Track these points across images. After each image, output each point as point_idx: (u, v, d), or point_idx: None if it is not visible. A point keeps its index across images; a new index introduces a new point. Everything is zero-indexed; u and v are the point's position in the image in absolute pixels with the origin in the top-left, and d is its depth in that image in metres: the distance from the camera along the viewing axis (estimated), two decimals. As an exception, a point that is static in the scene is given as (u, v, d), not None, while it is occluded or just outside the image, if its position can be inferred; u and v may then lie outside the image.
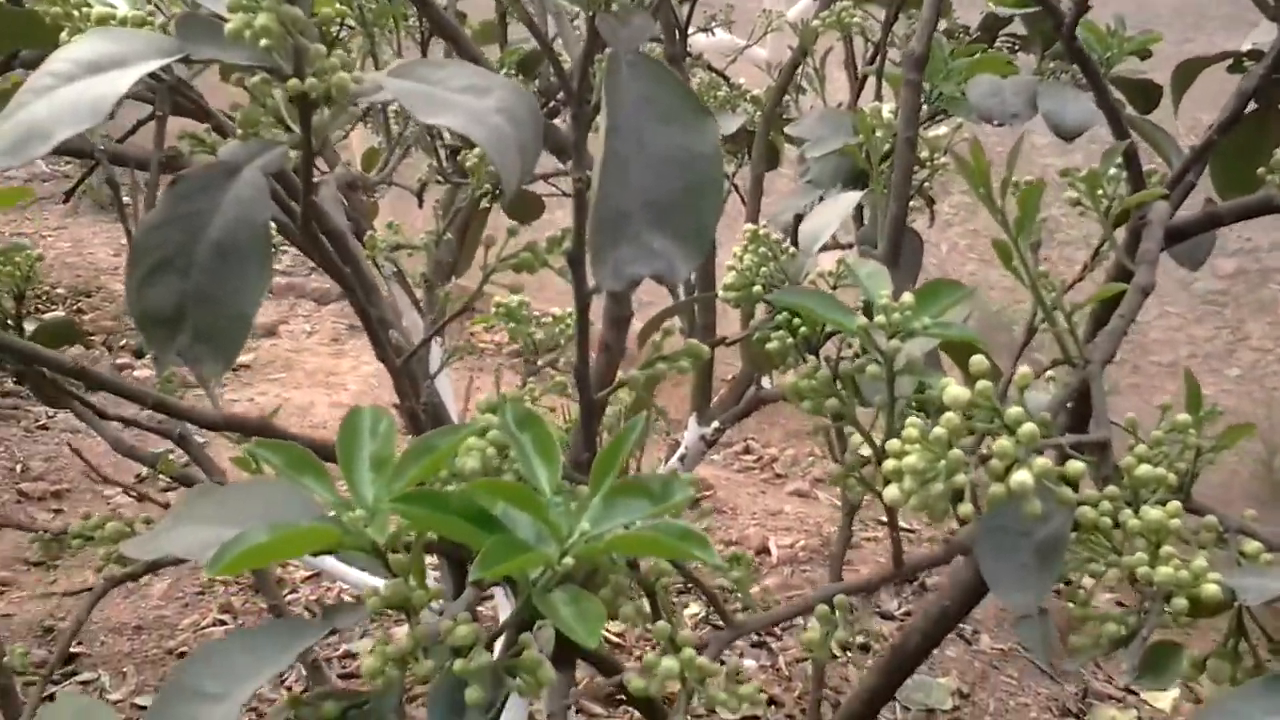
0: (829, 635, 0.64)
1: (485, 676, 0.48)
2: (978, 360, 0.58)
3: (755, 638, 2.35)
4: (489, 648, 0.51)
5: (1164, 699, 2.36)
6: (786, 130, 1.79)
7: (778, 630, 2.36)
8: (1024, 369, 0.57)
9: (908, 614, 2.47)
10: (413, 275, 1.33)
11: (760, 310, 0.94)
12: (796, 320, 0.74)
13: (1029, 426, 0.54)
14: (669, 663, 0.56)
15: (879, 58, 1.66)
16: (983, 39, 1.71)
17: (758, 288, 0.92)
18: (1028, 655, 2.38)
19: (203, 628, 2.51)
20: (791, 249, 0.95)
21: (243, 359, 3.77)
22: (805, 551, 2.60)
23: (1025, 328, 0.77)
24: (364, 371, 3.68)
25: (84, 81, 0.57)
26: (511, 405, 0.53)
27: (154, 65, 0.57)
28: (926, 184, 1.49)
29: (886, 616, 2.44)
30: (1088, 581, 0.59)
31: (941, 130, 1.42)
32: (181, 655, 2.42)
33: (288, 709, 0.51)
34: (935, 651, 2.34)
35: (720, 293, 0.92)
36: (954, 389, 0.56)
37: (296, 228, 0.87)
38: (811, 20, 1.65)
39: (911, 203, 1.47)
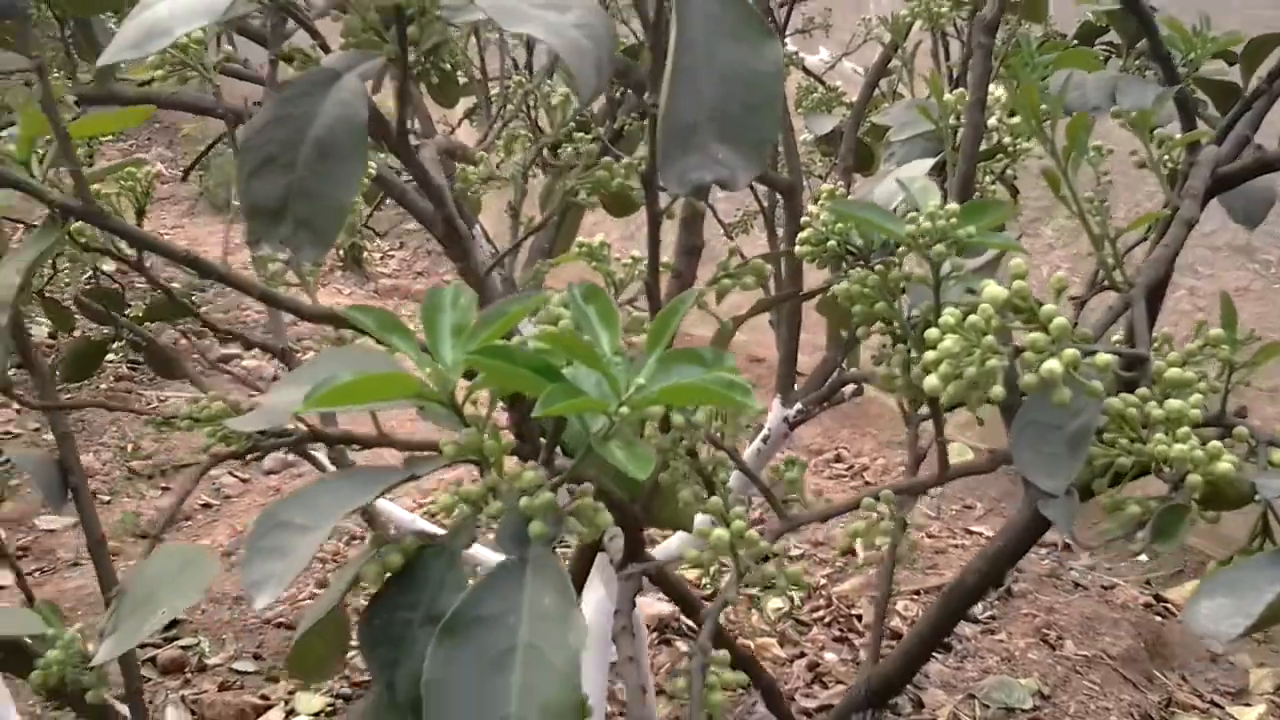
0: (878, 528, 0.68)
1: (548, 513, 0.53)
2: (1017, 264, 0.62)
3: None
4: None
5: (1249, 714, 2.33)
6: (874, 119, 1.83)
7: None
8: (1059, 273, 0.61)
9: (992, 617, 2.47)
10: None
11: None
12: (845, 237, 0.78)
13: (1060, 320, 0.58)
14: (721, 531, 0.60)
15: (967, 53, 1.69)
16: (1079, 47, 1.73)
17: (832, 243, 0.96)
18: (1112, 663, 2.38)
19: (299, 600, 2.60)
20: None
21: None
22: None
23: (1086, 285, 0.80)
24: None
25: (202, -15, 0.63)
26: (579, 285, 0.58)
27: (268, -27, 0.63)
28: (1010, 172, 1.52)
29: (972, 620, 2.45)
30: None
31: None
32: (279, 625, 2.51)
33: (372, 547, 0.57)
34: (1017, 654, 2.35)
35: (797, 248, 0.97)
36: (993, 288, 0.60)
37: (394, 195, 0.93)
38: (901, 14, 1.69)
39: (993, 185, 1.50)
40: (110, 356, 1.85)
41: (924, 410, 0.78)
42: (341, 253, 4.83)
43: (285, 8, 0.70)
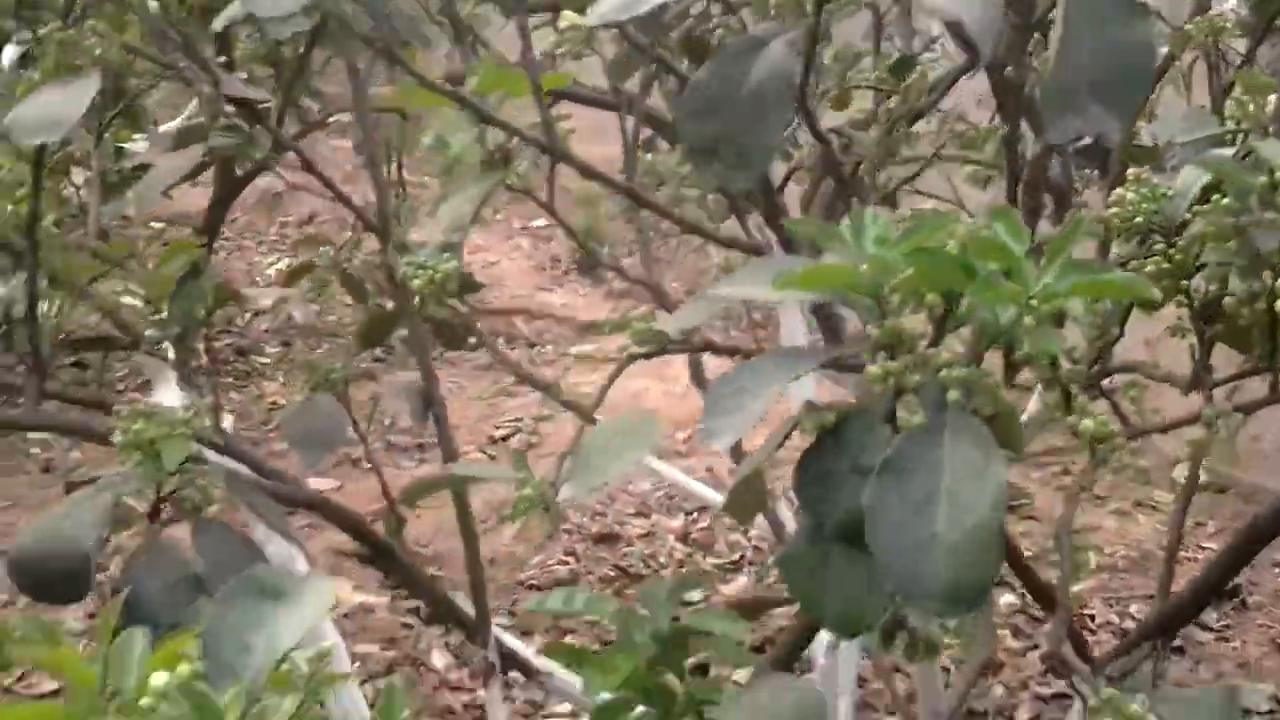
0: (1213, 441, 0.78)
1: (964, 384, 0.66)
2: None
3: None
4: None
5: None
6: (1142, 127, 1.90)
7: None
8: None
9: (1226, 626, 2.50)
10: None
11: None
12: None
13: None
14: (1088, 422, 0.72)
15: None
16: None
17: (1139, 219, 1.06)
18: (1356, 677, 2.38)
19: (548, 565, 2.78)
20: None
21: (586, 348, 4.06)
22: (1124, 561, 2.67)
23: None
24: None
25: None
26: (990, 205, 0.70)
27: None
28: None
29: (1205, 628, 2.48)
30: None
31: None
32: (531, 587, 2.69)
33: (807, 416, 0.70)
34: (1252, 661, 2.38)
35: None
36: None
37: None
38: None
39: None
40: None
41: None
42: (577, 256, 5.04)
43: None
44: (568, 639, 2.45)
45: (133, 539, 1.07)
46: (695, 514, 3.00)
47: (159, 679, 0.65)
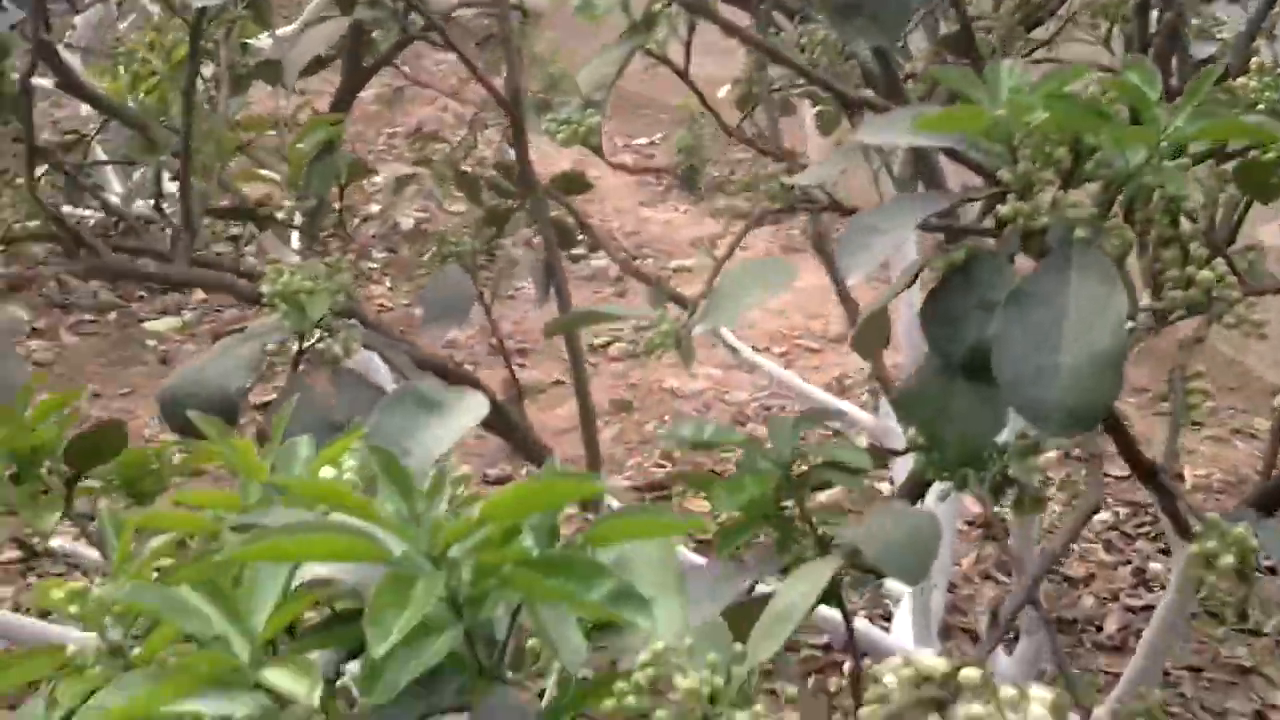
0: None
1: (1090, 224, 0.69)
2: None
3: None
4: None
5: None
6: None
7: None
8: None
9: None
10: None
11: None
12: None
13: None
14: (1206, 272, 0.74)
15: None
16: None
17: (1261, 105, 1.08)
18: None
19: (645, 468, 2.85)
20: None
21: (686, 263, 4.09)
22: (1219, 483, 2.67)
23: None
24: (796, 285, 3.93)
25: None
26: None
27: None
28: None
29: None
30: None
31: None
32: (630, 489, 2.76)
33: (937, 256, 0.74)
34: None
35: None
36: None
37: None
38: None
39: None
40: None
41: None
42: (680, 172, 5.04)
43: None
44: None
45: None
46: (792, 423, 3.04)
47: (326, 472, 0.70)
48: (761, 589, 0.77)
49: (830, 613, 1.63)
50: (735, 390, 3.23)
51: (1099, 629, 2.21)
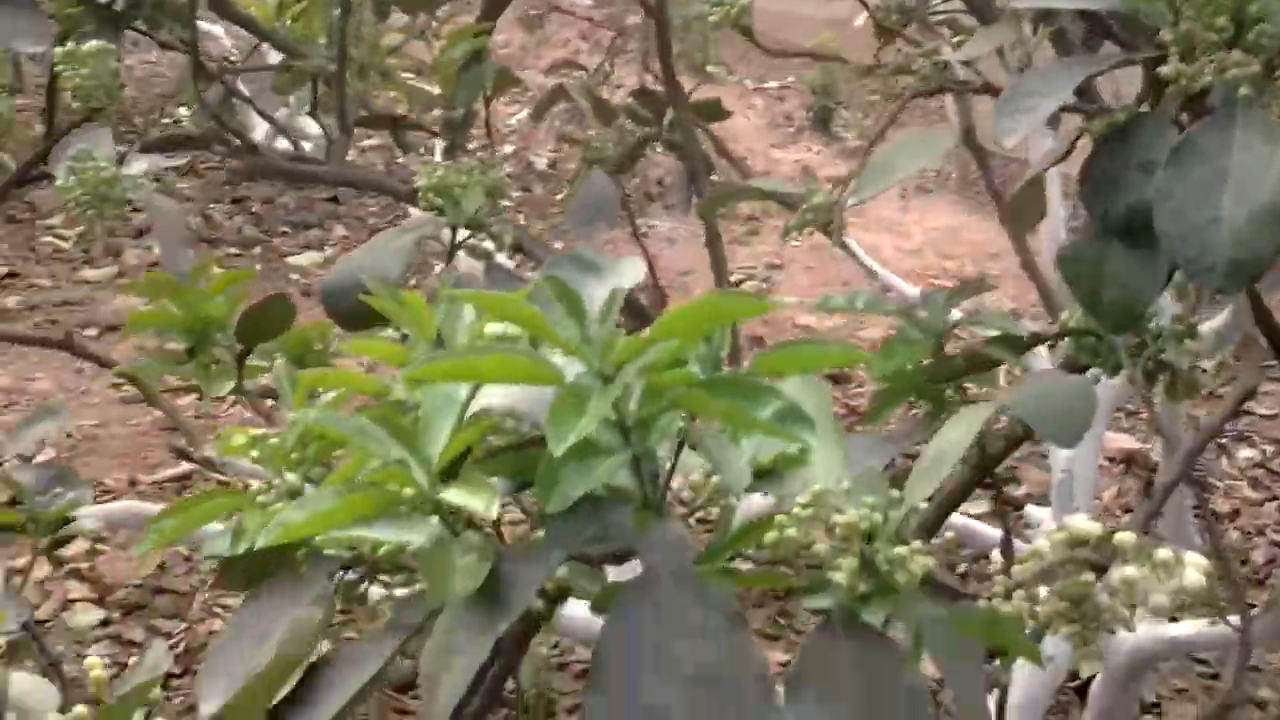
0: None
1: (1255, 82, 0.68)
2: None
3: None
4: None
5: None
6: None
7: None
8: None
9: None
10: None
11: None
12: None
13: None
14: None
15: None
16: None
17: None
18: None
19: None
20: None
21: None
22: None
23: None
24: (929, 225, 3.91)
25: None
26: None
27: None
28: None
29: None
30: None
31: None
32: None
33: (1098, 119, 0.73)
34: None
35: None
36: None
37: None
38: None
39: None
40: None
41: None
42: (810, 114, 5.02)
43: None
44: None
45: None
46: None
47: (492, 328, 0.73)
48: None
49: (973, 524, 1.63)
50: (870, 328, 3.22)
51: (1244, 563, 2.18)
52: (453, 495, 0.58)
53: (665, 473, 0.61)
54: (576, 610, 1.27)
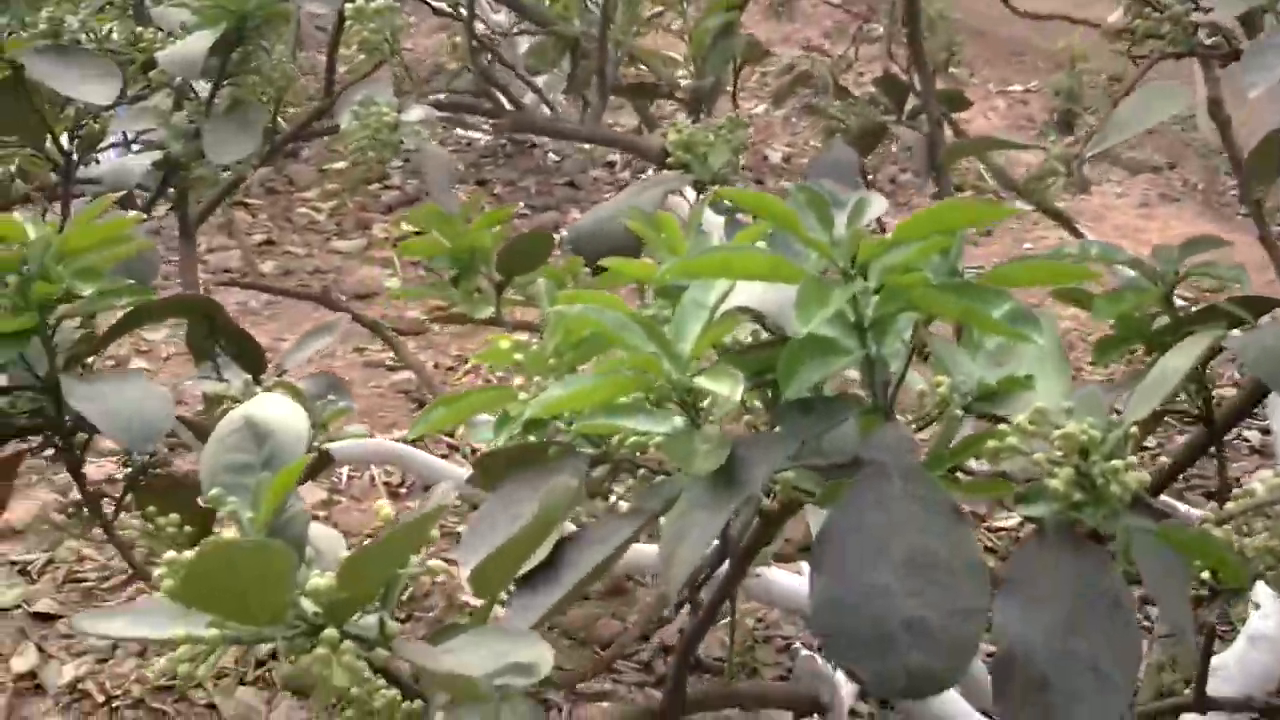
0: None
1: None
2: None
3: None
4: None
5: None
6: None
7: None
8: None
9: None
10: None
11: None
12: None
13: None
14: None
15: None
16: None
17: None
18: None
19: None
20: None
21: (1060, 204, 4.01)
22: None
23: None
24: (1171, 233, 3.80)
25: None
26: None
27: None
28: None
29: None
30: None
31: None
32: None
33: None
34: None
35: None
36: None
37: None
38: None
39: None
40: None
41: None
42: (1053, 116, 4.89)
43: None
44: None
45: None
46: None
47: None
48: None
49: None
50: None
51: None
52: (702, 381, 0.63)
53: (894, 382, 0.66)
54: (779, 577, 1.32)
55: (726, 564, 0.81)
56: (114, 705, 1.68)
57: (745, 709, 1.10)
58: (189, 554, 0.57)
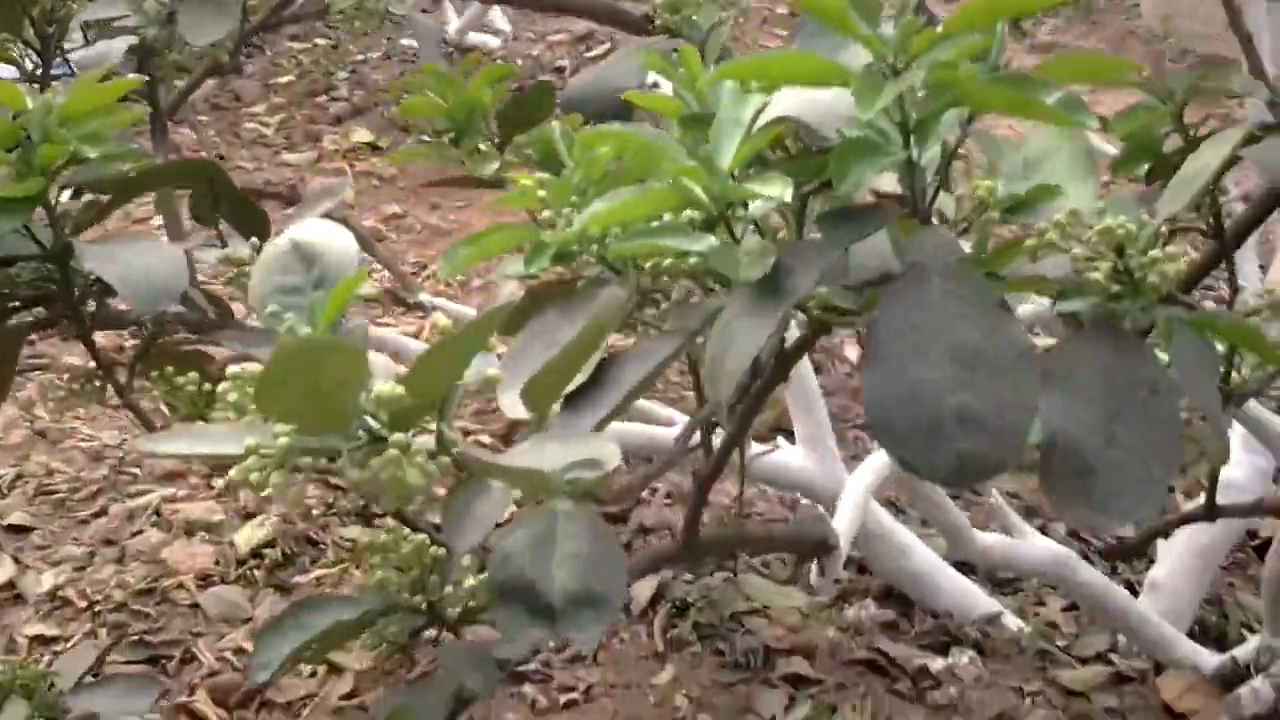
0: None
1: None
2: None
3: None
4: None
5: None
6: None
7: None
8: None
9: None
10: None
11: None
12: None
13: None
14: None
15: None
16: None
17: None
18: None
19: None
20: None
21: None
22: None
23: None
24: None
25: None
26: None
27: None
28: None
29: None
30: None
31: None
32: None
33: None
34: None
35: None
36: None
37: None
38: None
39: None
40: None
41: None
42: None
43: None
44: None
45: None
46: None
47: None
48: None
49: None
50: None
51: None
52: (750, 185, 0.64)
53: (932, 188, 0.67)
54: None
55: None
56: (95, 610, 1.68)
57: (755, 551, 1.12)
58: (254, 366, 0.58)
